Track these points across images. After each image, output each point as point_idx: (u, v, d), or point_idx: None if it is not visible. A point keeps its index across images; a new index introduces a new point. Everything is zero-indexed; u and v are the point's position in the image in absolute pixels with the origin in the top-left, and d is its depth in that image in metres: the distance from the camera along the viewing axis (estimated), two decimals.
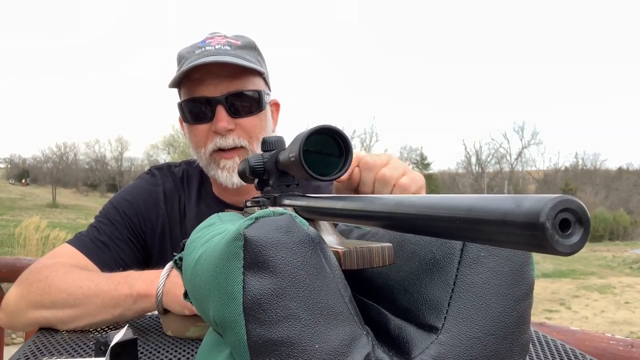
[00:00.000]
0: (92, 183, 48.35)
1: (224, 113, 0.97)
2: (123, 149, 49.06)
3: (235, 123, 0.98)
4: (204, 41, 1.02)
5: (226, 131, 0.97)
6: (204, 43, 1.01)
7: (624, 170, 42.26)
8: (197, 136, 1.01)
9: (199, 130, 1.00)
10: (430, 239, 0.36)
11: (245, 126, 0.99)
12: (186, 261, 0.44)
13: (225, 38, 1.03)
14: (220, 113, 0.97)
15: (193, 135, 1.02)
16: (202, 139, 1.00)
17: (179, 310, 0.78)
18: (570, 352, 0.77)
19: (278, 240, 0.31)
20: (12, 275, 1.63)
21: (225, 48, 0.99)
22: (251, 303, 0.30)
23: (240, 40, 1.03)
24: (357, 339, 0.31)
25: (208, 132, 0.99)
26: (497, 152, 42.01)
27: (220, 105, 0.97)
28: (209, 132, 0.99)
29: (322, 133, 0.42)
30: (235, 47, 1.01)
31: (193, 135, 1.02)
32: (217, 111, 0.97)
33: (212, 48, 0.99)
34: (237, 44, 1.02)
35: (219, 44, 1.00)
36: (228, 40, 1.02)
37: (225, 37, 1.04)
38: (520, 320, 0.34)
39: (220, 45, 1.00)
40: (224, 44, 1.00)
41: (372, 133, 40.17)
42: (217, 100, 0.97)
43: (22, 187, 43.26)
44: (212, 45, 1.00)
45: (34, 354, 0.75)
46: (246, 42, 1.04)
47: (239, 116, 0.99)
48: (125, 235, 1.04)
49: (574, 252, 0.19)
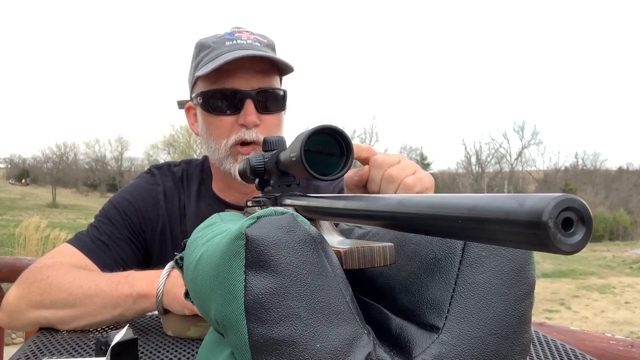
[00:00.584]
0: (92, 183, 48.34)
1: (252, 107, 0.98)
2: (123, 149, 49.09)
3: (260, 119, 0.99)
4: (232, 34, 1.02)
5: (253, 125, 0.98)
6: (233, 36, 1.01)
7: (624, 170, 42.27)
8: (221, 127, 1.00)
9: (224, 121, 1.00)
10: (431, 239, 0.36)
11: (268, 123, 1.00)
12: (187, 261, 0.44)
13: (252, 34, 1.04)
14: (249, 107, 0.98)
15: (215, 127, 1.01)
16: (226, 130, 1.00)
17: (179, 310, 0.78)
18: (570, 352, 0.77)
19: (280, 239, 0.31)
20: (12, 275, 1.63)
21: (255, 44, 1.00)
22: (253, 302, 0.30)
23: (266, 39, 1.05)
24: (358, 339, 0.31)
25: (233, 124, 0.99)
26: (497, 152, 42.04)
27: (249, 99, 0.98)
28: (234, 124, 0.99)
29: (323, 133, 0.42)
30: (263, 44, 1.02)
31: (215, 126, 1.01)
32: (246, 105, 0.98)
33: (244, 42, 1.00)
34: (264, 42, 1.03)
35: (249, 39, 1.01)
36: (256, 37, 1.03)
37: (252, 33, 1.04)
38: (521, 319, 0.34)
39: (250, 40, 1.01)
40: (253, 40, 1.01)
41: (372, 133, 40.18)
42: (248, 94, 0.98)
43: (22, 187, 43.23)
44: (243, 40, 1.00)
45: (34, 354, 0.75)
46: (270, 41, 1.06)
47: (265, 112, 1.00)
48: (125, 235, 1.04)
49: (576, 251, 0.19)
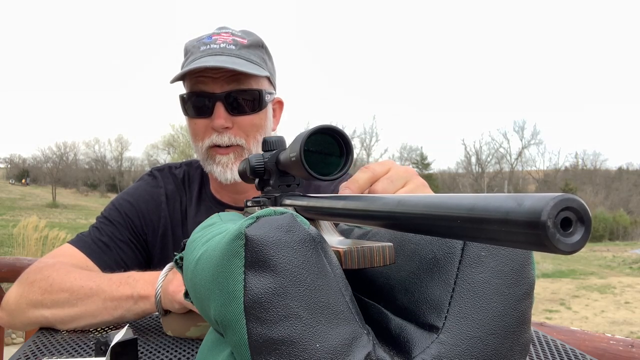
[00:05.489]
0: (92, 183, 48.32)
1: (222, 110, 0.98)
2: (123, 149, 49.09)
3: (232, 121, 0.99)
4: (211, 37, 1.02)
5: (223, 128, 0.98)
6: (210, 39, 1.01)
7: (624, 170, 42.26)
8: (196, 130, 1.02)
9: (198, 124, 1.01)
10: (431, 239, 0.36)
11: (243, 124, 1.00)
12: (187, 260, 0.44)
13: (232, 35, 1.03)
14: (218, 110, 0.98)
15: (192, 129, 1.03)
16: (200, 133, 1.01)
17: (177, 308, 0.77)
18: (570, 352, 0.77)
19: (279, 239, 0.31)
20: (12, 275, 1.63)
21: (230, 47, 1.00)
22: (252, 302, 0.30)
23: (247, 39, 1.03)
24: (358, 338, 0.31)
25: (206, 127, 1.00)
26: (497, 152, 42.03)
27: (219, 102, 0.98)
28: (207, 128, 1.00)
29: (323, 133, 0.42)
30: (240, 46, 1.01)
31: (192, 128, 1.03)
32: (216, 108, 0.98)
33: (217, 46, 0.99)
34: (243, 43, 1.02)
35: (224, 42, 1.00)
36: (234, 38, 1.02)
37: (233, 34, 1.04)
38: (521, 319, 0.34)
39: (225, 43, 1.00)
40: (229, 42, 1.01)
41: (372, 133, 40.18)
42: (217, 96, 0.98)
43: (22, 187, 43.22)
44: (217, 44, 1.00)
45: (34, 353, 0.75)
46: (253, 40, 1.04)
47: (237, 114, 0.99)
48: (126, 237, 1.04)
49: (575, 250, 0.19)
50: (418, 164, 41.47)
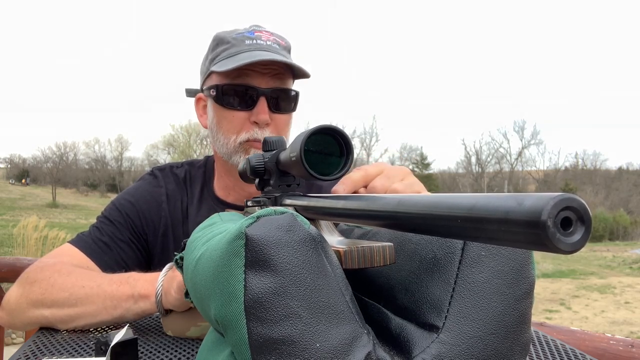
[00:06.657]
0: (92, 183, 48.32)
1: (265, 105, 0.98)
2: (123, 149, 49.08)
3: (272, 117, 1.00)
4: (252, 32, 1.02)
5: (265, 124, 0.99)
6: (253, 35, 1.02)
7: (624, 170, 42.27)
8: (233, 122, 1.01)
9: (237, 116, 1.00)
10: (431, 239, 0.36)
11: (279, 122, 1.01)
12: (187, 260, 0.44)
13: (272, 35, 1.04)
14: (262, 105, 0.98)
15: (227, 121, 1.01)
16: (237, 126, 1.00)
17: (177, 305, 0.77)
18: (570, 352, 0.77)
19: (279, 238, 0.31)
20: (12, 275, 1.63)
21: (275, 46, 1.01)
22: (252, 302, 0.30)
23: (283, 41, 1.05)
24: (358, 338, 0.31)
25: (245, 120, 1.00)
26: (497, 152, 42.03)
27: (263, 97, 0.98)
28: (246, 121, 1.00)
29: (323, 133, 0.42)
30: (281, 47, 1.03)
31: (228, 121, 1.01)
32: (260, 102, 0.98)
33: (264, 43, 1.00)
34: (282, 44, 1.04)
35: (269, 40, 1.02)
36: (275, 39, 1.03)
37: (272, 34, 1.05)
38: (521, 319, 0.34)
39: (270, 41, 1.01)
40: (272, 41, 1.02)
41: (372, 133, 40.17)
42: (262, 91, 0.98)
43: (22, 187, 43.22)
44: (262, 40, 1.01)
45: (34, 353, 0.75)
46: (287, 43, 1.06)
47: (277, 111, 1.00)
48: (126, 237, 1.04)
49: (575, 250, 0.19)
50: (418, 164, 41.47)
